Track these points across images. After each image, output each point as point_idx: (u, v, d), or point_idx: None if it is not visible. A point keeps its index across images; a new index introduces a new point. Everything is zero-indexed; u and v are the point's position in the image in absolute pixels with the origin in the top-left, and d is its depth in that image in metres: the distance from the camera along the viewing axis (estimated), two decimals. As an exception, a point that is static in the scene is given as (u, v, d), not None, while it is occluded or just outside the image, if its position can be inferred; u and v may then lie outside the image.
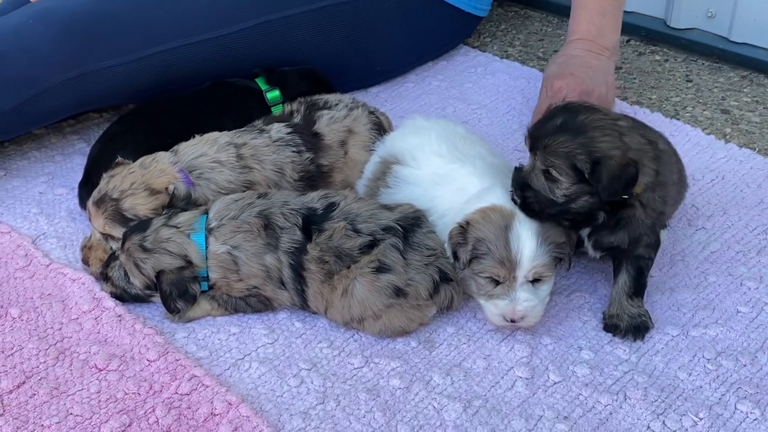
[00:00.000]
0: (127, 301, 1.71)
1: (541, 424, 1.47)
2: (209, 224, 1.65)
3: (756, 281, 1.77)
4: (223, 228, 1.64)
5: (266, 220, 1.64)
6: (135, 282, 1.66)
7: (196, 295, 1.65)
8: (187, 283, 1.63)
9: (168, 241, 1.63)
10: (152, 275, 1.63)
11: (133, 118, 2.04)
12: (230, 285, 1.66)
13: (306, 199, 1.68)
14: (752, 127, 2.33)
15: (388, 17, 2.40)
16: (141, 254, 1.63)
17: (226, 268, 1.64)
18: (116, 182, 1.73)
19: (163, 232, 1.64)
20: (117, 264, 1.70)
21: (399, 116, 2.24)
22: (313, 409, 1.50)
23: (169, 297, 1.63)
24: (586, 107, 1.57)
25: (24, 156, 2.19)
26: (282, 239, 1.63)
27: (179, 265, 1.63)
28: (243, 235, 1.63)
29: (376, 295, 1.59)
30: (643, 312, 1.64)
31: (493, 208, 1.57)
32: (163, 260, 1.62)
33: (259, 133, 1.87)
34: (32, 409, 1.49)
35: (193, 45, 2.13)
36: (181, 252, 1.63)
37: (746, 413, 1.49)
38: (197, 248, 1.63)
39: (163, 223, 1.65)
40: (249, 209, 1.65)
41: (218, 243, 1.64)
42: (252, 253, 1.63)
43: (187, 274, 1.63)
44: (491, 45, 2.82)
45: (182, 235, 1.64)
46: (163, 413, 1.47)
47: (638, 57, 2.72)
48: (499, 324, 1.60)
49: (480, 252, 1.55)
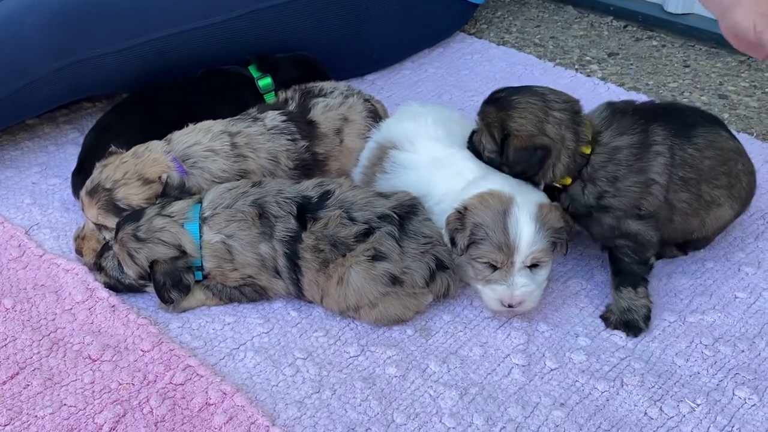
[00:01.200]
0: (121, 291, 1.70)
1: (538, 411, 1.46)
2: (203, 213, 1.64)
3: (754, 267, 1.76)
4: (217, 217, 1.63)
5: (261, 209, 1.62)
6: (129, 272, 1.66)
7: (190, 286, 1.64)
8: (180, 273, 1.62)
9: (161, 231, 1.62)
10: (146, 265, 1.62)
11: (127, 107, 2.03)
12: (225, 274, 1.65)
13: (301, 187, 1.67)
14: (750, 111, 2.32)
15: (384, 4, 2.38)
16: (134, 244, 1.62)
17: (220, 258, 1.63)
18: (109, 172, 1.72)
19: (157, 221, 1.63)
20: (110, 254, 1.68)
21: (395, 103, 2.23)
22: (309, 398, 1.49)
23: (163, 287, 1.62)
24: (531, 91, 1.66)
25: (17, 146, 2.17)
26: (277, 228, 1.61)
27: (173, 254, 1.61)
28: (237, 224, 1.62)
29: (371, 283, 1.58)
30: (637, 305, 1.61)
31: (491, 193, 1.57)
32: (157, 250, 1.61)
33: (254, 122, 1.86)
34: (26, 400, 1.48)
35: (186, 33, 2.12)
36: (174, 241, 1.62)
37: (744, 399, 1.48)
38: (191, 237, 1.62)
39: (156, 212, 1.64)
40: (243, 198, 1.64)
41: (212, 232, 1.63)
42: (246, 242, 1.62)
43: (181, 264, 1.62)
44: (488, 32, 2.80)
45: (176, 224, 1.63)
46: (157, 403, 1.46)
47: (636, 42, 2.71)
48: (497, 309, 1.59)
49: (478, 237, 1.54)
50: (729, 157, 1.66)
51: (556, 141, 1.61)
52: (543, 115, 1.62)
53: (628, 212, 1.62)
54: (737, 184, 1.67)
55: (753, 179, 1.71)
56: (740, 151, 1.69)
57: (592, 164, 1.63)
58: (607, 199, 1.62)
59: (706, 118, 1.71)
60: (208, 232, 1.63)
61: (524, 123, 1.62)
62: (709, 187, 1.65)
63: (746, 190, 1.69)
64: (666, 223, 1.65)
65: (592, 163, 1.63)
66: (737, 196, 1.68)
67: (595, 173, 1.62)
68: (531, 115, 1.62)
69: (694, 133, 1.64)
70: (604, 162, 1.62)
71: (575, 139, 1.62)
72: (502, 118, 1.63)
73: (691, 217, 1.67)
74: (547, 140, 1.61)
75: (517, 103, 1.63)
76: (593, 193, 1.63)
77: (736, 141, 1.70)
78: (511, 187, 1.58)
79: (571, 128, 1.62)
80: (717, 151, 1.65)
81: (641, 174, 1.61)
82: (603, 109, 1.69)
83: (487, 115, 1.67)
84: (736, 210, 1.70)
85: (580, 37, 2.76)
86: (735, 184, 1.67)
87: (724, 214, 1.69)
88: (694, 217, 1.67)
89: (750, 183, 1.70)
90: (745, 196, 1.70)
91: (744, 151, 1.70)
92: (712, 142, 1.65)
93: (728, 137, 1.68)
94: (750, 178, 1.70)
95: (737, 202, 1.69)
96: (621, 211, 1.62)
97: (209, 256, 1.63)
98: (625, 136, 1.63)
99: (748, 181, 1.70)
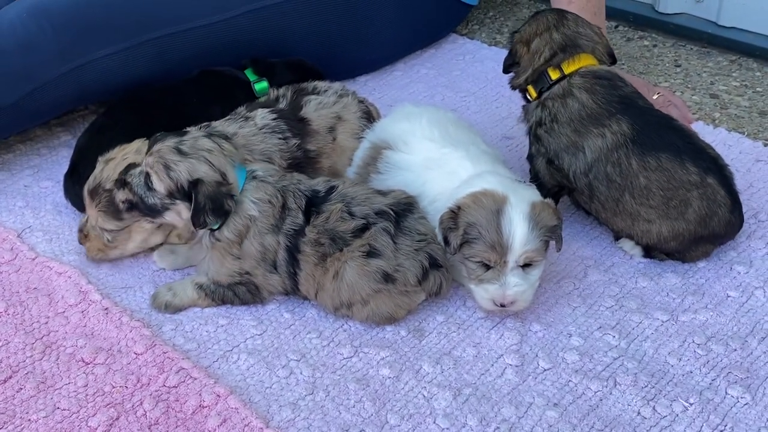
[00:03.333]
0: (141, 211, 1.62)
1: (531, 411, 1.47)
2: (254, 171, 1.61)
3: (746, 266, 1.76)
4: (266, 185, 1.61)
5: (284, 199, 1.61)
6: (158, 187, 1.58)
7: (230, 213, 1.58)
8: (224, 198, 1.56)
9: (210, 152, 1.57)
10: (183, 180, 1.55)
11: (120, 109, 2.02)
12: (224, 261, 1.62)
13: (313, 182, 1.67)
14: (741, 111, 2.33)
15: (381, 6, 2.39)
16: (175, 156, 1.56)
17: (240, 234, 1.60)
18: (110, 171, 1.71)
19: (205, 142, 1.58)
20: (138, 170, 1.61)
21: (387, 105, 2.23)
22: (303, 399, 1.49)
23: (202, 211, 1.55)
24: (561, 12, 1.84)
25: (9, 149, 2.17)
26: (286, 221, 1.61)
27: (217, 179, 1.56)
28: (268, 207, 1.60)
29: (365, 279, 1.58)
30: None
31: (484, 192, 1.57)
32: (200, 168, 1.55)
33: (245, 121, 1.85)
34: (19, 404, 1.47)
35: (185, 32, 2.12)
36: (221, 167, 1.57)
37: (737, 398, 1.49)
38: (236, 176, 1.58)
39: (204, 134, 1.60)
40: (282, 181, 1.63)
41: (254, 198, 1.59)
42: (259, 230, 1.61)
43: (225, 189, 1.57)
44: (479, 32, 2.80)
45: (224, 156, 1.58)
46: (150, 406, 1.46)
47: (627, 42, 2.71)
48: (489, 308, 1.59)
49: (471, 236, 1.55)
50: (678, 186, 1.67)
51: (540, 48, 1.79)
52: (540, 30, 1.80)
53: (544, 152, 1.79)
54: (682, 208, 1.68)
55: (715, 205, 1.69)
56: (699, 184, 1.67)
57: (552, 90, 1.77)
58: (540, 129, 1.78)
59: (688, 150, 1.69)
60: (251, 195, 1.59)
61: (525, 28, 1.83)
62: (635, 201, 1.70)
63: (698, 213, 1.68)
64: (586, 200, 1.78)
65: (552, 90, 1.77)
66: (676, 217, 1.69)
67: (547, 100, 1.77)
68: (530, 27, 1.81)
69: (653, 154, 1.67)
70: (559, 95, 1.76)
71: (548, 59, 1.78)
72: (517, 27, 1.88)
73: (614, 217, 1.75)
74: (522, 50, 1.81)
75: (537, 17, 1.83)
76: (537, 116, 1.79)
77: (709, 176, 1.68)
78: (505, 186, 1.58)
79: (552, 49, 1.78)
80: (664, 176, 1.67)
81: (576, 135, 1.73)
82: (602, 70, 1.78)
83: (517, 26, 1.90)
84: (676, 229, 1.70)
85: (572, 38, 2.76)
86: (676, 207, 1.68)
87: (653, 230, 1.71)
88: (617, 218, 1.74)
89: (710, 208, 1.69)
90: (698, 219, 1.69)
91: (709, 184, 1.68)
92: (664, 169, 1.67)
93: (694, 171, 1.67)
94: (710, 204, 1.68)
95: (679, 222, 1.69)
96: (544, 148, 1.78)
97: (235, 226, 1.59)
98: (591, 97, 1.74)
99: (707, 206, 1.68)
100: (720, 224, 1.71)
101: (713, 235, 1.72)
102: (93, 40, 2.03)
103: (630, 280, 1.75)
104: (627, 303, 1.68)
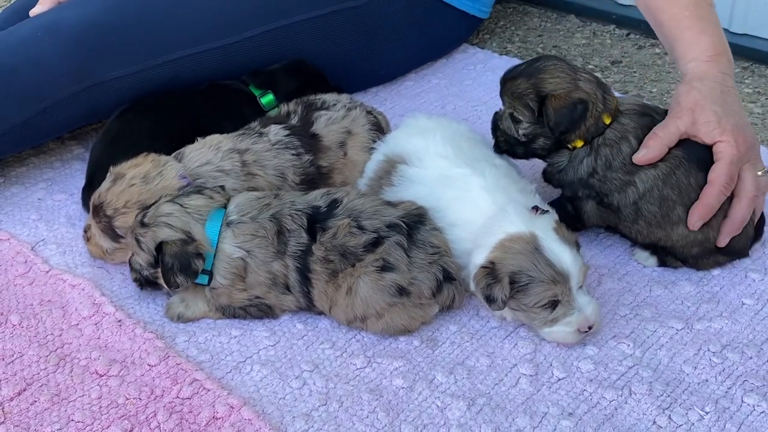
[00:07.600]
0: (145, 287, 1.67)
1: (546, 421, 1.46)
2: (228, 216, 1.60)
3: (761, 273, 1.75)
4: (243, 226, 1.59)
5: (279, 224, 1.60)
6: (140, 261, 1.62)
7: (198, 271, 1.59)
8: (190, 257, 1.57)
9: (168, 216, 1.58)
10: (152, 248, 1.58)
11: (134, 117, 2.01)
12: (232, 295, 1.63)
13: (309, 197, 1.65)
14: (754, 118, 2.32)
15: (394, 22, 2.39)
16: (141, 229, 1.59)
17: (236, 275, 1.60)
18: (113, 196, 1.70)
19: (164, 207, 1.59)
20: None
21: (399, 115, 2.23)
22: (316, 410, 1.49)
23: (170, 270, 1.57)
24: (548, 57, 1.70)
25: (23, 163, 2.18)
26: (290, 243, 1.60)
27: (181, 237, 1.57)
28: (259, 240, 1.59)
29: (379, 293, 1.57)
30: None
31: (510, 238, 1.54)
32: (161, 232, 1.57)
33: (259, 137, 1.85)
34: (33, 416, 1.48)
35: (199, 54, 2.12)
36: (183, 227, 1.58)
37: (753, 406, 1.47)
38: (204, 234, 1.58)
39: (167, 200, 1.61)
40: (267, 211, 1.61)
41: (235, 244, 1.59)
42: (261, 261, 1.60)
43: (191, 248, 1.57)
44: (490, 42, 2.81)
45: (188, 215, 1.58)
46: (164, 418, 1.46)
47: (638, 50, 2.71)
48: (574, 341, 1.57)
49: (521, 283, 1.51)
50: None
51: (591, 95, 1.64)
52: (574, 74, 1.66)
53: (595, 196, 1.69)
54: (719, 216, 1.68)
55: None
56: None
57: (605, 136, 1.66)
58: (592, 179, 1.68)
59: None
60: (231, 241, 1.59)
61: (559, 82, 1.64)
62: (685, 210, 1.67)
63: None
64: (628, 225, 1.72)
65: (606, 135, 1.66)
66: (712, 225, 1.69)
67: (601, 147, 1.66)
68: (563, 74, 1.65)
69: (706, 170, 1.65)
70: (615, 140, 1.66)
71: (603, 101, 1.66)
72: (534, 84, 1.65)
73: (656, 228, 1.70)
74: (584, 94, 1.64)
75: (545, 67, 1.66)
76: (589, 165, 1.67)
77: None
78: (524, 220, 1.56)
79: (600, 89, 1.66)
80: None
81: (627, 176, 1.66)
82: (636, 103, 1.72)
83: (516, 88, 1.67)
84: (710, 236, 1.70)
85: (583, 46, 2.76)
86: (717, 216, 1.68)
87: (691, 235, 1.69)
88: (658, 229, 1.71)
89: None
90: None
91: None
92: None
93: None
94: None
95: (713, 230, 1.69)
96: (595, 192, 1.69)
97: (225, 271, 1.60)
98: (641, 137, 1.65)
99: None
100: (741, 240, 1.72)
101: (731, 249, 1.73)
102: (106, 62, 2.03)
103: (644, 288, 1.74)
104: (641, 311, 1.68)
